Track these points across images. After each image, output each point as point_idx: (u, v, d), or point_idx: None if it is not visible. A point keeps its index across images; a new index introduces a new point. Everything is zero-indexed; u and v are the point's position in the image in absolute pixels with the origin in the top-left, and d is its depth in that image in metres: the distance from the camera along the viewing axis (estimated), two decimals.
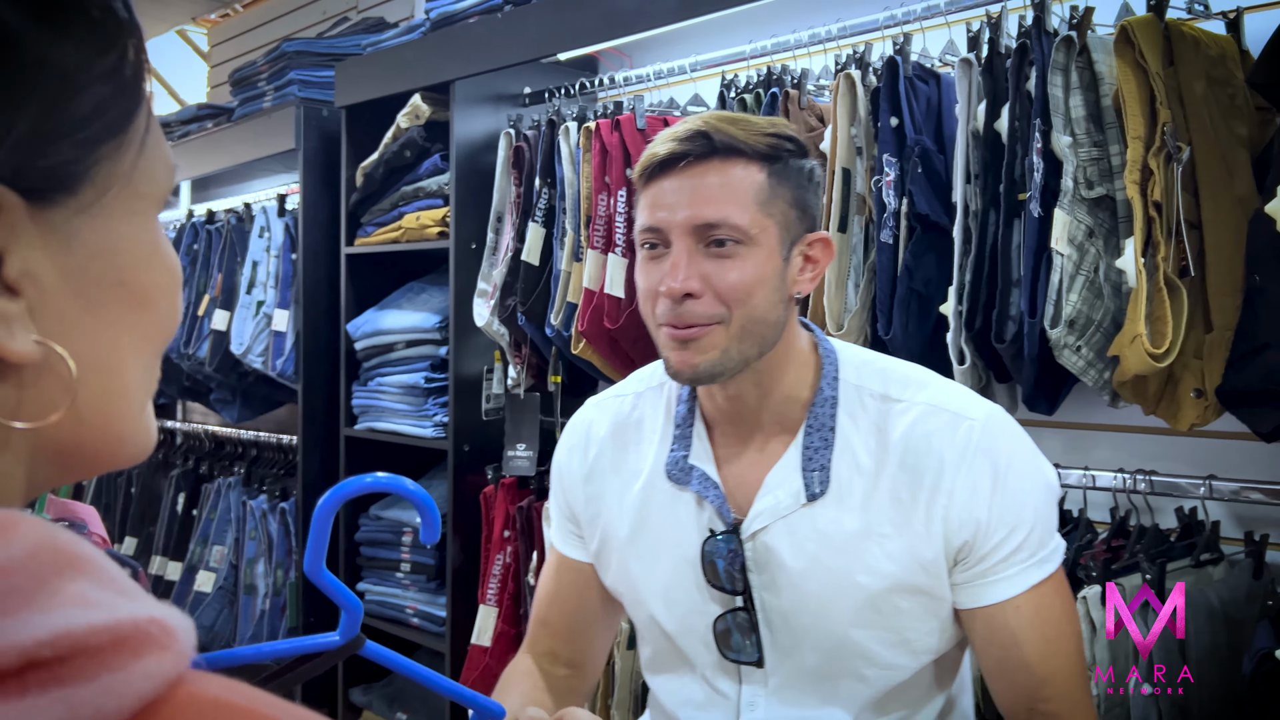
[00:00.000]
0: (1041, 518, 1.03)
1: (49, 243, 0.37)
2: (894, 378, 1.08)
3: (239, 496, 3.23)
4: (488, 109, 2.49)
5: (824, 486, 1.03)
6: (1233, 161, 1.49)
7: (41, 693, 0.31)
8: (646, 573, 1.12)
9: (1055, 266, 1.53)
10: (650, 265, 1.02)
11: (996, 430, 1.04)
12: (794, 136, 1.04)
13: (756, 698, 1.09)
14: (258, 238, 3.11)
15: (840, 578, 1.03)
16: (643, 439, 1.14)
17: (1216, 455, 1.68)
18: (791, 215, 1.02)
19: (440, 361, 2.56)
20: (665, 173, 1.00)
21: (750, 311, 1.00)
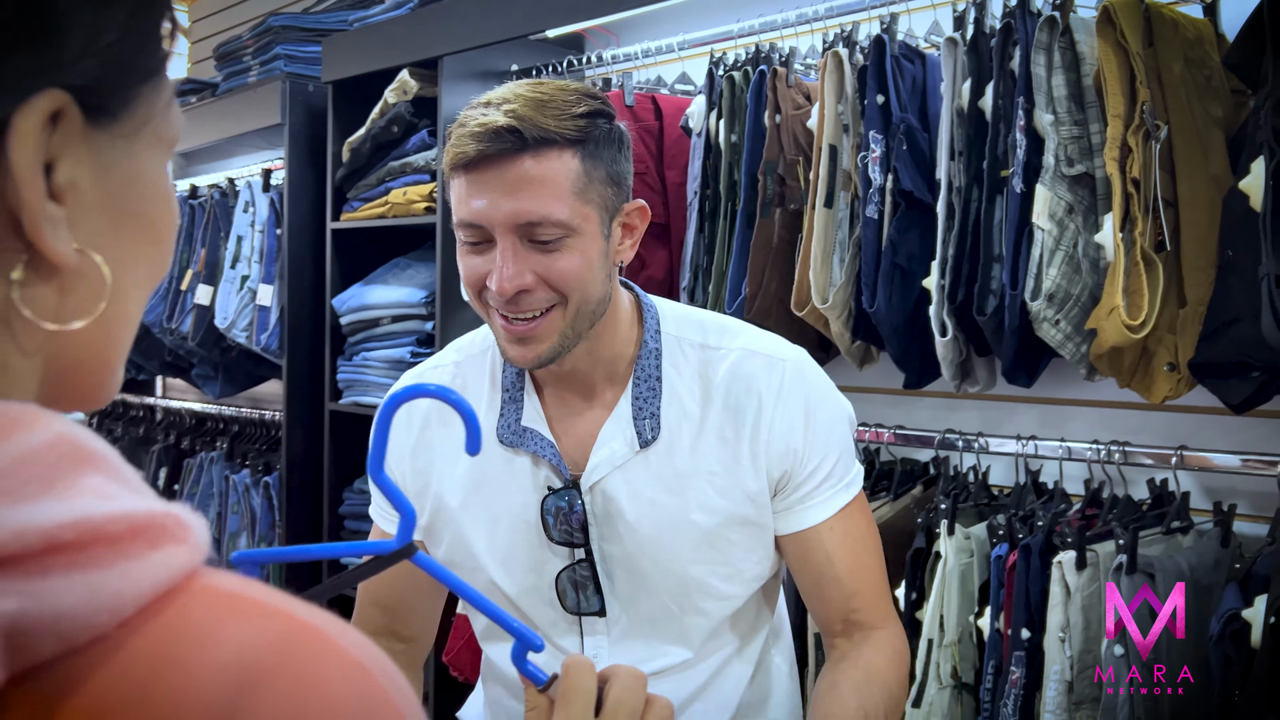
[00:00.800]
0: (845, 447, 1.13)
1: (92, 160, 0.39)
2: (710, 327, 1.14)
3: (221, 471, 3.24)
4: (476, 85, 2.50)
5: (655, 433, 1.08)
6: (1208, 141, 1.53)
7: (63, 575, 0.32)
8: (483, 537, 1.12)
9: (1036, 241, 1.57)
10: (472, 254, 1.02)
11: (805, 369, 1.12)
12: (602, 107, 1.02)
13: (600, 649, 1.12)
14: (242, 212, 3.11)
15: (676, 518, 1.08)
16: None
17: (1188, 429, 1.74)
18: (608, 193, 1.02)
19: (426, 336, 2.58)
20: (477, 168, 0.98)
21: (584, 294, 1.02)
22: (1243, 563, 1.49)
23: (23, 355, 0.39)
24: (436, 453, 1.15)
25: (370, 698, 0.35)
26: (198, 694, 0.33)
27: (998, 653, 1.63)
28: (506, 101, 0.98)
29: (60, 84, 0.37)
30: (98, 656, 0.33)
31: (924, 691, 1.66)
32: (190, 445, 3.54)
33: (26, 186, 0.36)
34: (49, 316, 0.39)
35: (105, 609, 0.33)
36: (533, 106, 0.98)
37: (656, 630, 1.12)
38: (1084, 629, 1.56)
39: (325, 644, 0.36)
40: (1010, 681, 1.59)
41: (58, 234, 0.38)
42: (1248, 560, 1.49)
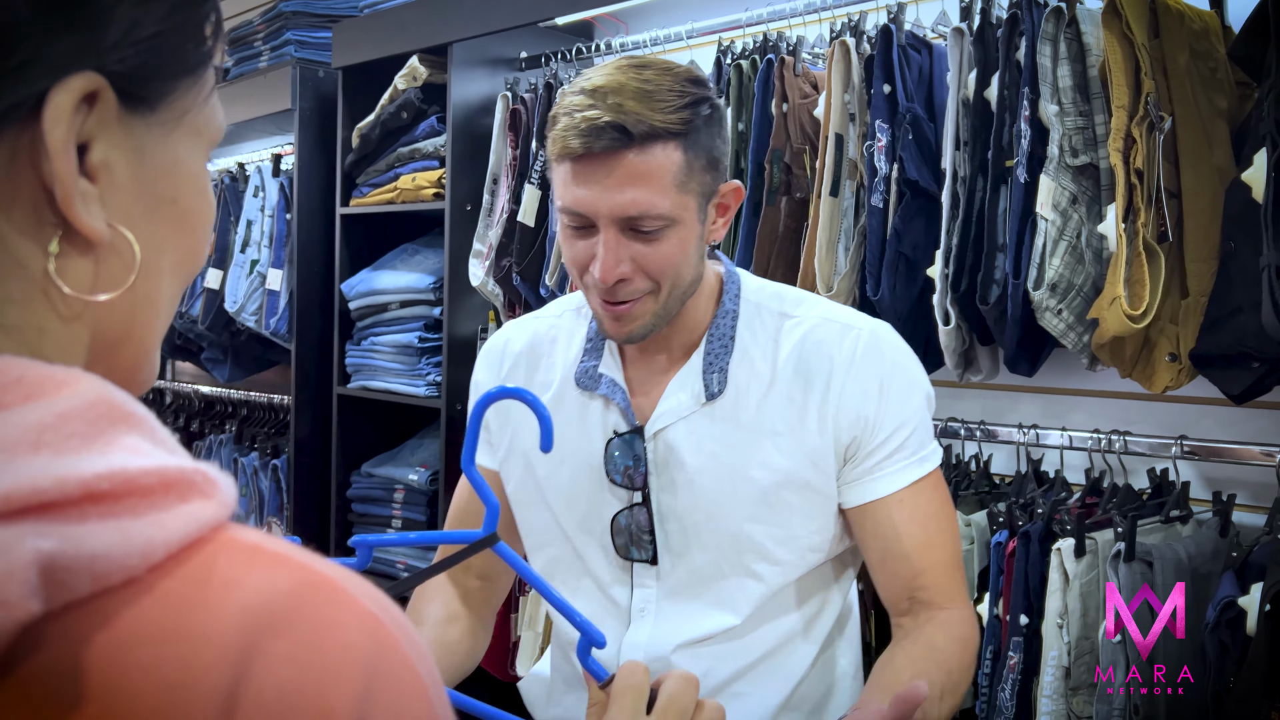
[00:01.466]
0: (921, 421, 1.12)
1: (127, 145, 0.42)
2: (789, 297, 1.17)
3: (230, 454, 3.26)
4: (485, 72, 2.51)
5: (721, 387, 1.11)
6: (1212, 132, 1.54)
7: (99, 521, 0.35)
8: (550, 474, 1.17)
9: (1039, 231, 1.58)
10: (575, 238, 1.06)
11: (882, 338, 1.12)
12: (705, 92, 1.04)
13: (647, 603, 1.14)
14: (252, 197, 3.13)
15: (735, 473, 1.09)
16: (555, 353, 1.20)
17: (1188, 419, 1.75)
18: (706, 179, 1.05)
19: (434, 321, 2.60)
20: (582, 160, 1.01)
21: (677, 280, 1.06)
22: (1240, 551, 1.50)
23: (62, 321, 0.41)
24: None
25: (381, 644, 0.38)
26: (220, 632, 0.35)
27: (996, 638, 1.65)
28: (613, 94, 0.99)
29: (97, 68, 0.39)
30: (129, 596, 0.35)
31: None
32: (199, 428, 3.57)
33: (58, 159, 0.39)
34: (83, 288, 0.41)
35: (136, 553, 0.35)
36: (638, 99, 0.99)
37: (706, 589, 1.12)
38: (1082, 616, 1.58)
39: (340, 593, 0.38)
40: (1008, 666, 1.61)
41: (89, 209, 0.40)
42: (1245, 549, 1.51)
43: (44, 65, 0.38)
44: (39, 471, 0.34)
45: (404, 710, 0.37)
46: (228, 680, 0.35)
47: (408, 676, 0.38)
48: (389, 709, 0.37)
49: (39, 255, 0.40)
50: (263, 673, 0.35)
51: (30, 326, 0.40)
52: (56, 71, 0.38)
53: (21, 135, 0.39)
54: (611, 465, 1.12)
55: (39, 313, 0.41)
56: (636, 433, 1.11)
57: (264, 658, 0.35)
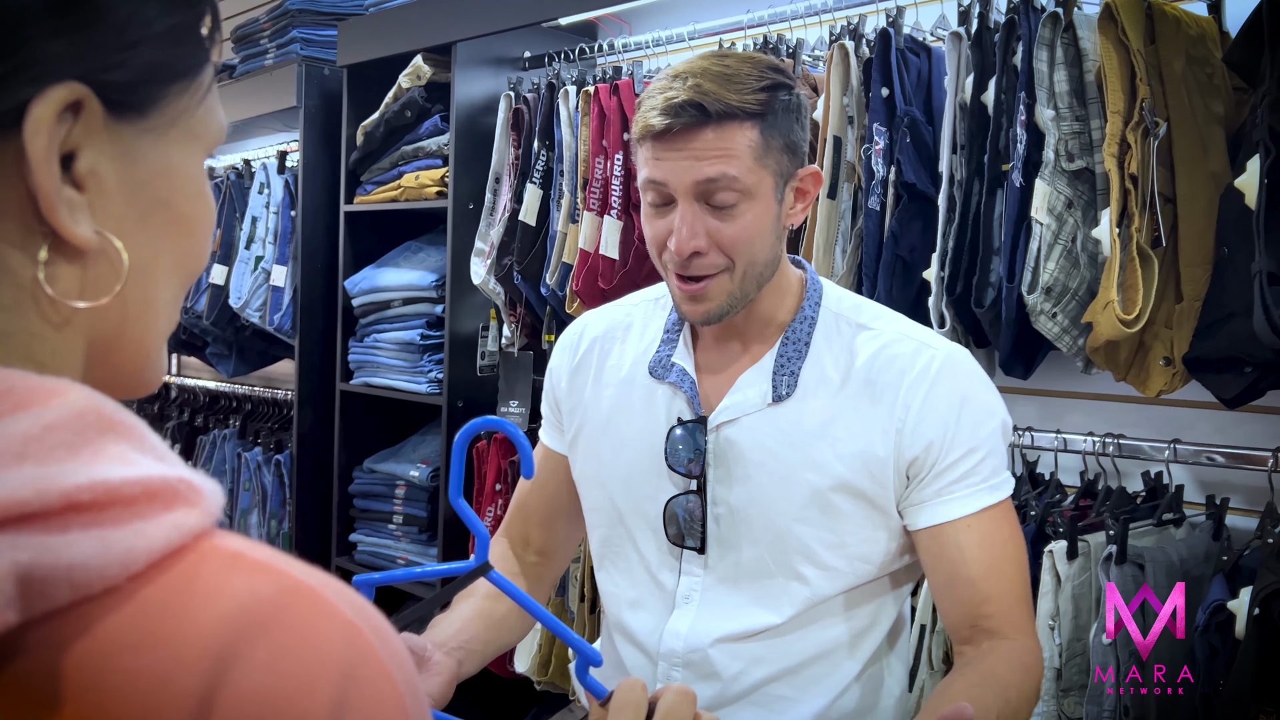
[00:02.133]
0: (994, 448, 1.11)
1: (116, 152, 0.42)
2: (869, 311, 1.18)
3: (234, 449, 3.29)
4: (488, 71, 2.53)
5: (790, 390, 1.12)
6: (1208, 138, 1.55)
7: (81, 531, 0.35)
8: (613, 456, 1.20)
9: (1034, 235, 1.59)
10: (655, 217, 1.09)
11: (958, 361, 1.13)
12: (784, 79, 1.08)
13: (693, 591, 1.15)
14: (257, 194, 3.15)
15: (791, 472, 1.11)
16: (629, 339, 1.23)
17: (1183, 422, 1.76)
18: (784, 160, 1.08)
19: (436, 319, 2.61)
20: (662, 139, 1.05)
21: (752, 258, 1.08)
22: (1231, 555, 1.51)
23: (52, 327, 0.42)
24: (590, 377, 1.24)
25: (359, 651, 0.38)
26: (199, 639, 0.36)
27: None
28: (693, 75, 1.04)
29: (84, 77, 0.40)
30: (109, 604, 0.36)
31: (915, 675, 1.69)
32: (204, 423, 3.59)
33: (40, 170, 0.39)
34: (72, 295, 0.42)
35: (116, 562, 0.36)
36: (717, 81, 1.04)
37: (751, 585, 1.13)
38: (1073, 617, 1.59)
39: (320, 601, 0.38)
40: None
41: (75, 217, 0.41)
42: (1236, 553, 1.51)
43: (26, 74, 0.38)
44: (20, 483, 0.34)
45: (379, 716, 0.38)
46: (203, 686, 0.35)
47: (384, 684, 0.38)
48: (364, 714, 0.37)
49: (28, 263, 0.41)
50: (240, 679, 0.35)
51: (22, 333, 0.41)
52: (38, 81, 0.39)
53: (6, 147, 0.39)
54: (672, 452, 1.14)
55: (30, 319, 0.41)
56: (700, 423, 1.13)
57: (242, 664, 0.36)
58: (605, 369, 1.23)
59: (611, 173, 2.13)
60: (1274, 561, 1.41)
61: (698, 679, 1.15)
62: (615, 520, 1.20)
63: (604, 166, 2.15)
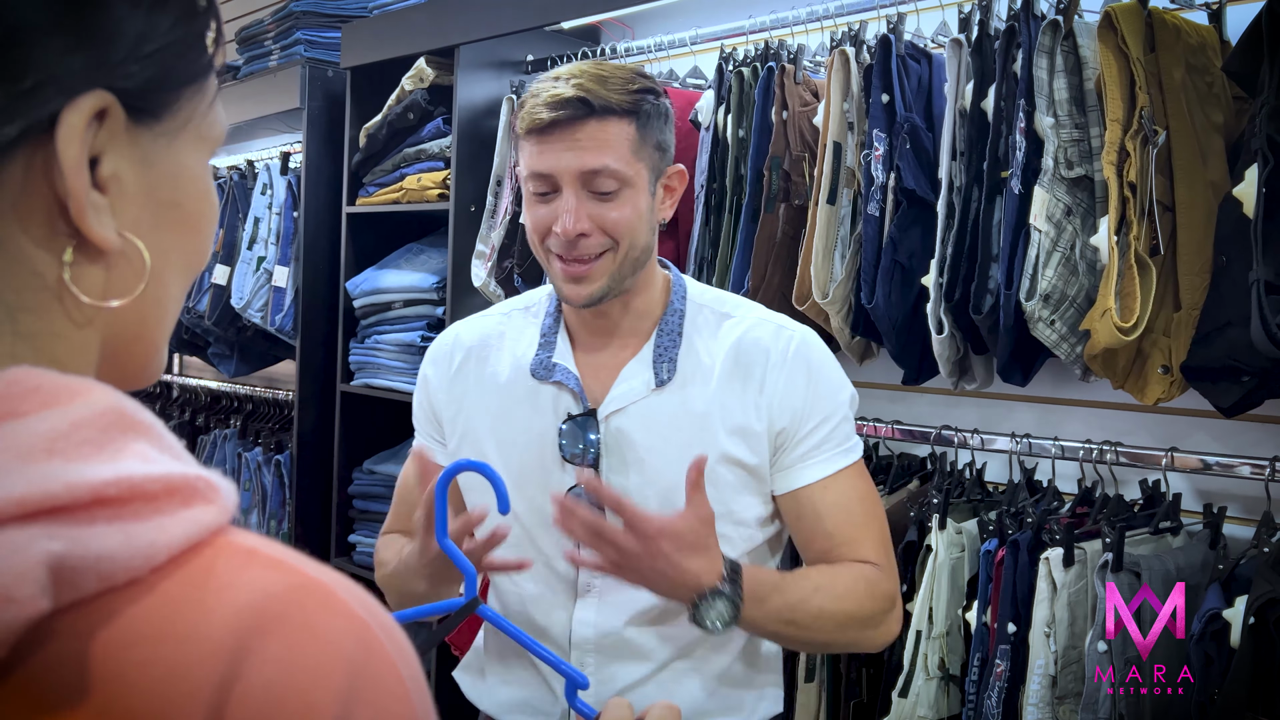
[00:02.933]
0: (844, 416, 1.24)
1: (135, 156, 0.44)
2: (730, 301, 1.30)
3: (234, 448, 3.29)
4: (491, 74, 2.53)
5: (670, 375, 1.22)
6: (1207, 147, 1.55)
7: (106, 525, 0.37)
8: (503, 458, 1.24)
9: (1033, 242, 1.59)
10: (539, 204, 1.19)
11: (811, 342, 1.26)
12: (652, 85, 1.20)
13: (593, 579, 1.22)
14: (260, 195, 3.16)
15: (679, 451, 1.19)
16: (504, 347, 1.30)
17: (1181, 430, 1.76)
18: (655, 156, 1.20)
19: (437, 321, 2.62)
20: (550, 130, 1.15)
21: (633, 240, 1.18)
22: (1227, 564, 1.51)
23: (75, 327, 0.44)
24: (470, 385, 1.29)
25: (367, 647, 0.40)
26: (215, 630, 0.37)
27: (984, 646, 1.66)
28: (575, 77, 1.16)
29: (106, 86, 0.42)
30: (132, 595, 0.38)
31: (911, 681, 1.69)
32: (205, 422, 3.60)
33: (72, 176, 0.41)
34: (95, 294, 0.44)
35: (140, 555, 0.38)
36: (597, 81, 1.16)
37: None
38: (1069, 625, 1.58)
39: (331, 598, 0.40)
40: (995, 674, 1.62)
41: (101, 220, 0.42)
42: (1232, 561, 1.51)
43: (57, 86, 0.40)
44: (51, 477, 0.36)
45: (386, 710, 0.39)
46: (219, 676, 0.37)
47: (391, 678, 0.40)
48: (371, 708, 0.39)
49: (54, 265, 0.42)
50: (252, 671, 0.37)
51: (45, 333, 0.42)
52: (68, 91, 0.41)
53: (36, 152, 0.41)
54: (567, 445, 1.21)
55: (54, 319, 0.43)
56: (590, 415, 1.21)
57: (254, 656, 0.37)
58: (484, 376, 1.28)
59: None
60: (1269, 570, 1.41)
61: (612, 661, 1.22)
62: (511, 520, 1.21)
63: None
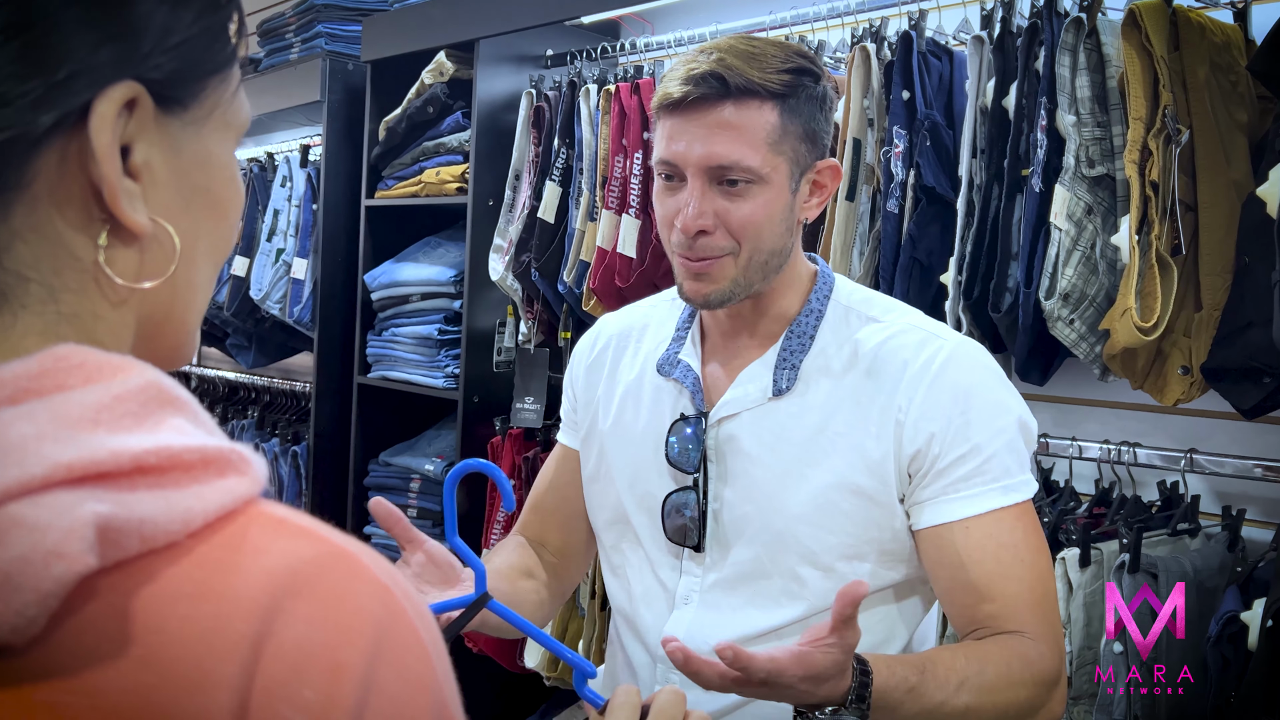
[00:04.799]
0: (1007, 446, 1.05)
1: (164, 144, 0.46)
2: (880, 303, 1.15)
3: (251, 439, 3.31)
4: (510, 69, 2.54)
5: (790, 384, 1.10)
6: (1231, 146, 1.54)
7: (148, 491, 0.40)
8: (619, 453, 1.20)
9: (1053, 241, 1.58)
10: (666, 195, 1.08)
11: (966, 353, 1.08)
12: (810, 66, 1.06)
13: (692, 592, 1.13)
14: (280, 187, 3.17)
15: (790, 468, 1.08)
16: (644, 338, 1.23)
17: (1200, 432, 1.74)
18: (802, 149, 1.06)
19: (454, 314, 2.63)
20: (679, 110, 1.03)
21: (759, 244, 1.06)
22: (1245, 567, 1.50)
23: (112, 307, 0.46)
24: (605, 374, 1.25)
25: (390, 611, 0.42)
26: (248, 592, 0.40)
27: None
28: (718, 50, 1.03)
29: (135, 76, 0.43)
30: (171, 557, 0.40)
31: None
32: (222, 413, 3.62)
33: (105, 163, 0.43)
34: (129, 276, 0.46)
35: (178, 520, 0.40)
36: (741, 58, 1.02)
37: (747, 586, 1.10)
38: (1085, 626, 1.58)
39: (357, 565, 0.42)
40: None
41: (134, 205, 0.44)
42: (1250, 564, 1.50)
43: (89, 77, 0.42)
44: (97, 445, 0.39)
45: (408, 669, 0.41)
46: (253, 633, 0.39)
47: (413, 641, 0.42)
48: (394, 667, 0.41)
49: (90, 248, 0.44)
50: (283, 629, 0.39)
51: (86, 313, 0.45)
52: (100, 82, 0.42)
53: (70, 141, 0.43)
54: (672, 447, 1.13)
55: (93, 300, 0.45)
56: (700, 418, 1.12)
57: (285, 616, 0.39)
58: (619, 368, 1.23)
59: (631, 171, 2.14)
60: None
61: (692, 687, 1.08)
62: (623, 517, 1.19)
63: (623, 165, 2.15)
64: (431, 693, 0.42)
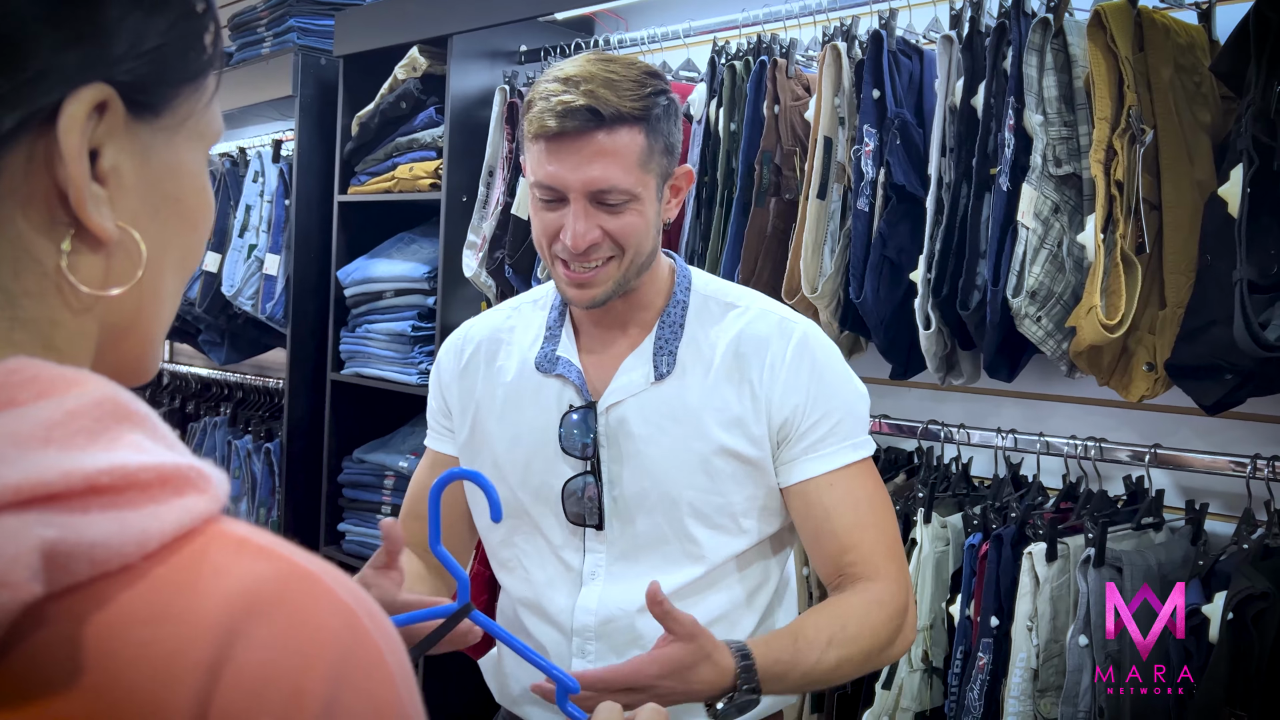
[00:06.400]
0: (853, 411, 1.22)
1: (134, 150, 0.45)
2: (733, 291, 1.28)
3: (224, 436, 3.29)
4: (484, 65, 2.53)
5: (670, 368, 1.21)
6: (1194, 146, 1.56)
7: (100, 512, 0.38)
8: (508, 449, 1.26)
9: (1020, 239, 1.60)
10: (545, 210, 1.17)
11: (816, 334, 1.24)
12: (663, 86, 1.16)
13: (597, 568, 1.22)
14: (251, 182, 3.15)
15: (677, 442, 1.20)
16: (513, 341, 1.30)
17: (1165, 428, 1.77)
18: (664, 162, 1.17)
19: (428, 311, 2.62)
20: (556, 139, 1.12)
21: (639, 249, 1.17)
22: (1207, 560, 1.53)
23: (72, 314, 0.44)
24: (479, 378, 1.30)
25: (354, 633, 0.41)
26: (206, 615, 0.39)
27: (967, 639, 1.67)
28: (585, 81, 1.11)
29: (106, 79, 0.43)
30: (125, 581, 0.39)
31: (895, 673, 1.71)
32: (195, 410, 3.59)
33: (73, 165, 0.42)
34: (94, 284, 0.44)
35: (132, 542, 0.38)
36: (607, 87, 1.11)
37: (650, 554, 1.21)
38: (1051, 619, 1.60)
39: (319, 586, 0.41)
40: (977, 667, 1.63)
41: (100, 211, 0.43)
42: (1212, 558, 1.53)
43: (57, 76, 0.41)
44: (47, 465, 0.37)
45: (372, 694, 0.40)
46: (210, 659, 0.38)
47: (377, 664, 0.41)
48: (357, 691, 0.40)
49: (53, 252, 0.43)
50: (243, 653, 0.38)
51: (44, 319, 0.43)
52: (69, 82, 0.41)
53: (37, 141, 0.42)
54: (566, 437, 1.21)
55: (52, 306, 0.44)
56: (590, 407, 1.21)
57: (245, 640, 0.38)
58: (493, 370, 1.29)
59: None
60: (1248, 567, 1.42)
61: (612, 650, 1.21)
62: (519, 509, 1.25)
63: None
64: (396, 716, 0.41)
